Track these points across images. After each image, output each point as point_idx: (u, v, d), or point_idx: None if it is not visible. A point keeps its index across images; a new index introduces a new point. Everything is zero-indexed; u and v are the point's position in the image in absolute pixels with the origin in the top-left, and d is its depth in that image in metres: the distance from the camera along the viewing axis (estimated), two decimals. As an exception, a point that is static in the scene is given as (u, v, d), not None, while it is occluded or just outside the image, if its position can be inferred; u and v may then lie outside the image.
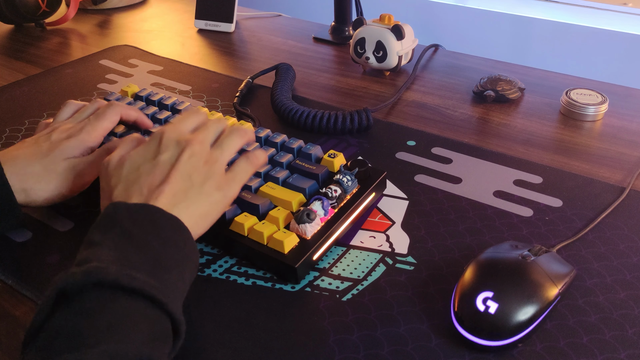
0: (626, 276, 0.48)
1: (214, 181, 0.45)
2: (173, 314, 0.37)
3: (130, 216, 0.41)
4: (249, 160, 0.49)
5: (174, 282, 0.39)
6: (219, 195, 0.45)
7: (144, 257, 0.39)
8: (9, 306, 0.47)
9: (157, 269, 0.38)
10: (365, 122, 0.68)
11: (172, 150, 0.45)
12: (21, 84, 0.83)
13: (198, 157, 0.45)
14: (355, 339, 0.43)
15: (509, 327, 0.41)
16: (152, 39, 0.99)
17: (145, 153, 0.46)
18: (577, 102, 0.71)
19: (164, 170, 0.44)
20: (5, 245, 0.52)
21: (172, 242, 0.41)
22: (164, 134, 0.47)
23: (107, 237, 0.40)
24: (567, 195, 0.57)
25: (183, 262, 0.41)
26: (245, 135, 0.50)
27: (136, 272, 0.37)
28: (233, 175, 0.47)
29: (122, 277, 0.36)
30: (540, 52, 1.58)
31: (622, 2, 1.39)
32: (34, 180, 0.51)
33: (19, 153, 0.52)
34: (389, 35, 0.79)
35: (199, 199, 0.44)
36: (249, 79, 0.79)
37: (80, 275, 0.35)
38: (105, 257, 0.38)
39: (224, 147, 0.48)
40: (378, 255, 0.50)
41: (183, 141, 0.46)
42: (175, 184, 0.43)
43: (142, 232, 0.40)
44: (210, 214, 0.45)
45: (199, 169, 0.45)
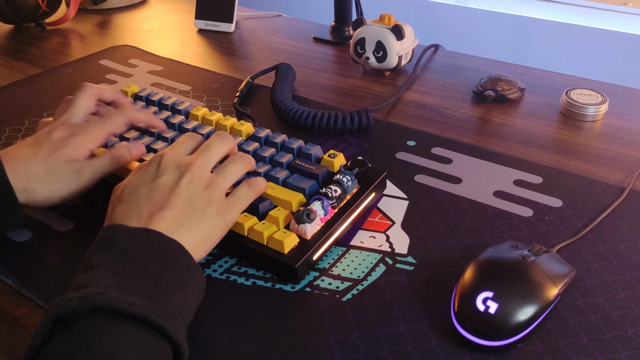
0: (626, 276, 0.48)
1: (215, 206, 0.45)
2: (174, 339, 0.36)
3: (130, 239, 0.40)
4: (251, 187, 0.49)
5: (176, 305, 0.39)
6: (219, 220, 0.45)
7: (143, 281, 0.38)
8: (8, 306, 0.47)
9: (157, 293, 0.38)
10: (365, 122, 0.68)
11: (172, 173, 0.45)
12: (21, 84, 0.83)
13: (198, 182, 0.45)
14: (355, 339, 0.43)
15: (509, 327, 0.41)
16: (152, 39, 0.99)
17: (144, 176, 0.46)
18: (577, 102, 0.71)
19: (164, 193, 0.44)
20: (5, 245, 0.52)
21: (173, 266, 0.40)
22: (163, 157, 0.47)
23: (106, 260, 0.39)
24: (567, 195, 0.57)
25: (186, 285, 0.40)
26: (249, 164, 0.50)
27: (135, 297, 0.36)
28: (234, 201, 0.47)
29: (121, 302, 0.35)
30: (540, 52, 1.58)
31: (622, 2, 1.39)
32: (36, 180, 0.51)
33: (20, 152, 0.52)
34: (389, 35, 0.79)
35: (200, 223, 0.44)
36: (249, 79, 0.79)
37: (77, 301, 0.35)
38: (103, 281, 0.37)
39: (226, 174, 0.48)
40: (378, 255, 0.50)
41: (183, 165, 0.46)
42: (176, 208, 0.43)
43: (141, 256, 0.39)
44: (211, 239, 0.45)
45: (200, 194, 0.45)
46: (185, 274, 0.41)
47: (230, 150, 0.50)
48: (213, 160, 0.48)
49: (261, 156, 0.56)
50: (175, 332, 0.37)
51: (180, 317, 0.39)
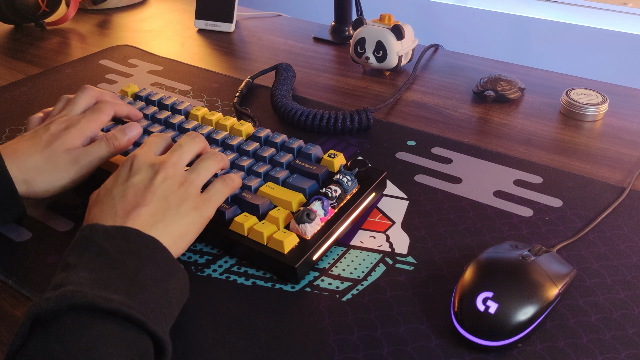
0: (626, 276, 0.48)
1: (190, 202, 0.45)
2: (154, 332, 0.36)
3: (106, 238, 0.40)
4: (225, 183, 0.49)
5: (155, 300, 0.38)
6: (195, 216, 0.45)
7: (120, 278, 0.38)
8: (8, 306, 0.47)
9: (134, 289, 0.38)
10: (365, 122, 0.68)
11: (145, 172, 0.46)
12: (21, 84, 0.83)
13: (172, 180, 0.46)
14: (355, 339, 0.43)
15: (509, 327, 0.41)
16: (152, 39, 0.99)
17: (117, 177, 0.46)
18: (577, 102, 0.71)
19: (138, 192, 0.44)
20: (5, 245, 0.52)
21: (151, 262, 0.40)
22: (135, 158, 0.47)
23: (83, 259, 0.39)
24: (567, 195, 0.57)
25: (165, 281, 0.40)
26: (222, 161, 0.50)
27: (112, 294, 0.36)
28: (209, 196, 0.47)
29: (98, 299, 0.35)
30: (540, 52, 1.58)
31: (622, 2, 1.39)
32: (35, 171, 0.51)
33: (19, 146, 0.52)
34: (389, 35, 0.79)
35: (176, 219, 0.44)
36: (249, 79, 0.79)
37: (54, 300, 0.35)
38: (80, 279, 0.37)
39: (200, 171, 0.48)
40: (378, 255, 0.50)
41: (156, 164, 0.46)
42: (152, 205, 0.44)
43: (118, 253, 0.40)
44: (188, 234, 0.45)
45: (175, 191, 0.45)
46: (164, 270, 0.41)
47: (202, 149, 0.51)
48: (185, 159, 0.49)
49: (261, 156, 0.56)
50: (154, 325, 0.37)
51: (161, 313, 0.39)
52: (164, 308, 0.39)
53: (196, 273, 0.49)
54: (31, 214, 0.56)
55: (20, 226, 0.54)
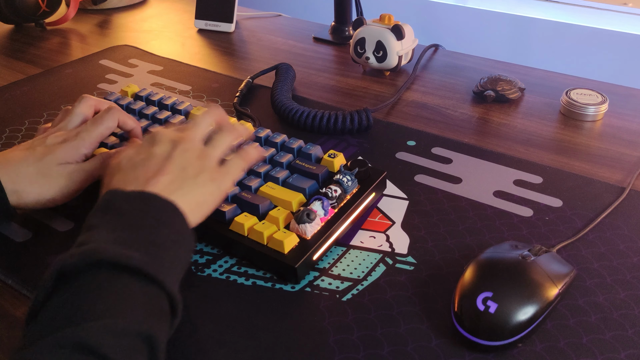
0: (626, 276, 0.48)
1: (207, 173, 0.47)
2: (170, 292, 0.38)
3: (127, 201, 0.42)
4: (241, 156, 0.50)
5: (171, 261, 0.40)
6: (213, 187, 0.47)
7: (140, 238, 0.40)
8: (9, 306, 0.47)
9: (153, 248, 0.40)
10: (365, 122, 0.68)
11: (166, 145, 0.47)
12: (21, 84, 0.83)
13: (191, 152, 0.47)
14: (355, 339, 0.43)
15: (509, 327, 0.41)
16: (152, 39, 0.99)
17: (140, 148, 0.48)
18: (577, 102, 0.71)
19: (159, 161, 0.46)
20: (5, 245, 0.52)
21: (168, 224, 0.42)
22: (157, 133, 0.49)
23: (104, 220, 0.41)
24: (567, 195, 0.57)
25: (179, 242, 0.42)
26: (236, 132, 0.51)
27: (134, 252, 0.38)
28: (227, 170, 0.48)
29: (120, 256, 0.37)
30: (540, 52, 1.58)
31: (622, 2, 1.39)
32: (27, 182, 0.51)
33: (14, 155, 0.52)
34: (389, 35, 0.79)
35: (194, 188, 0.45)
36: (249, 79, 0.79)
37: (78, 257, 0.36)
38: (103, 238, 0.39)
39: (216, 144, 0.49)
40: (378, 255, 0.50)
41: (175, 138, 0.48)
42: (171, 173, 0.45)
43: (138, 215, 0.41)
44: (206, 204, 0.46)
45: (193, 163, 0.46)
46: (179, 233, 0.42)
47: (218, 119, 0.52)
48: (202, 132, 0.50)
49: (261, 156, 0.56)
50: (171, 285, 0.38)
51: (174, 272, 0.40)
52: (177, 268, 0.41)
53: (196, 273, 0.49)
54: (31, 214, 0.56)
55: (20, 226, 0.54)
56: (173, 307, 0.39)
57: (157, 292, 0.38)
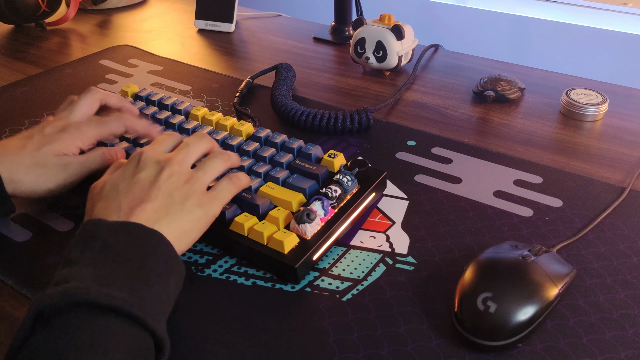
0: (626, 276, 0.48)
1: (195, 199, 0.45)
2: (155, 331, 0.37)
3: (110, 233, 0.40)
4: (232, 181, 0.49)
5: (156, 296, 0.39)
6: (200, 213, 0.45)
7: (123, 273, 0.38)
8: (8, 307, 0.47)
9: (137, 285, 0.38)
10: (365, 122, 0.68)
11: (151, 169, 0.46)
12: (21, 84, 0.83)
13: (178, 177, 0.46)
14: (355, 339, 0.43)
15: (509, 327, 0.41)
16: (152, 39, 0.99)
17: (123, 173, 0.46)
18: (577, 102, 0.71)
19: (143, 188, 0.44)
20: (5, 245, 0.52)
21: (154, 256, 0.40)
22: (142, 154, 0.47)
23: (86, 254, 0.39)
24: (567, 195, 0.57)
25: (166, 275, 0.40)
26: (229, 160, 0.50)
27: (115, 290, 0.36)
28: (215, 194, 0.47)
29: (100, 296, 0.35)
30: (540, 52, 1.58)
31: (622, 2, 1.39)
32: (23, 172, 0.51)
33: (11, 144, 0.52)
34: (389, 35, 0.79)
35: (180, 216, 0.44)
36: (249, 79, 0.79)
37: (58, 296, 0.35)
38: (83, 275, 0.37)
39: (206, 169, 0.48)
40: (378, 255, 0.50)
41: (162, 161, 0.46)
42: (156, 201, 0.44)
43: (121, 247, 0.40)
44: (192, 231, 0.45)
45: (180, 187, 0.45)
46: (166, 264, 0.41)
47: (210, 148, 0.51)
48: (192, 157, 0.48)
49: (261, 156, 0.56)
50: (155, 324, 0.37)
51: (160, 308, 0.39)
52: (164, 302, 0.40)
53: (196, 273, 0.49)
54: (31, 214, 0.56)
55: (21, 226, 0.54)
56: (160, 345, 0.37)
57: (140, 331, 0.36)
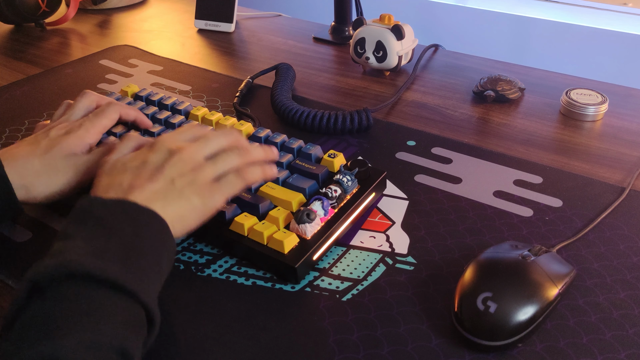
0: (626, 276, 0.48)
1: (195, 187, 0.45)
2: (146, 303, 0.37)
3: (104, 209, 0.41)
4: (239, 174, 0.48)
5: (149, 269, 0.40)
6: (197, 201, 0.45)
7: (116, 246, 0.39)
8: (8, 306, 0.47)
9: (130, 258, 0.39)
10: (365, 122, 0.68)
11: (162, 154, 0.46)
12: (21, 84, 0.83)
13: (184, 164, 0.46)
14: (355, 339, 0.43)
15: (509, 327, 0.41)
16: (152, 39, 0.99)
17: (136, 155, 0.47)
18: (577, 102, 0.71)
19: (149, 169, 0.45)
20: (5, 245, 0.52)
21: (146, 231, 0.41)
22: (159, 139, 0.48)
23: (80, 228, 0.40)
24: (567, 195, 0.57)
25: (159, 249, 0.41)
26: (246, 156, 0.49)
27: (108, 263, 0.37)
28: (218, 186, 0.47)
29: (94, 268, 0.36)
30: (540, 52, 1.58)
31: (622, 2, 1.39)
32: (34, 176, 0.51)
33: (19, 150, 0.52)
34: (389, 35, 0.79)
35: (177, 201, 0.44)
36: (249, 79, 0.79)
37: (52, 268, 0.36)
38: (78, 248, 0.38)
39: (217, 160, 0.48)
40: (378, 255, 0.50)
41: (174, 149, 0.47)
42: (156, 183, 0.44)
43: (115, 222, 0.40)
44: (187, 218, 0.45)
45: (184, 174, 0.45)
46: (159, 240, 0.41)
47: (233, 142, 0.50)
48: (208, 149, 0.48)
49: (261, 156, 0.56)
50: (146, 297, 0.38)
51: (152, 282, 0.40)
52: (156, 277, 0.40)
53: (196, 273, 0.49)
54: (31, 214, 0.56)
55: (21, 226, 0.54)
56: (150, 319, 0.38)
57: (132, 304, 0.37)
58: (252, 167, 0.49)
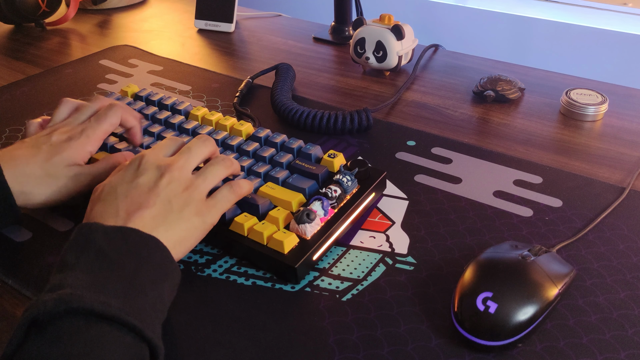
0: (626, 276, 0.48)
1: (193, 207, 0.45)
2: (150, 339, 0.36)
3: (105, 238, 0.40)
4: (232, 189, 0.48)
5: (151, 304, 0.38)
6: (198, 221, 0.45)
7: (118, 280, 0.38)
8: (9, 306, 0.47)
9: (132, 292, 0.38)
10: (365, 122, 0.68)
11: (151, 174, 0.45)
12: (21, 84, 0.83)
13: (177, 183, 0.45)
14: (355, 339, 0.43)
15: (509, 327, 0.41)
16: (152, 39, 0.99)
17: (123, 176, 0.46)
18: (577, 102, 0.71)
19: (142, 193, 0.44)
20: (5, 245, 0.52)
21: (149, 262, 0.40)
22: (143, 158, 0.47)
23: (81, 259, 0.39)
24: (567, 195, 0.57)
25: (161, 281, 0.40)
26: (231, 166, 0.49)
27: (110, 298, 0.36)
28: (214, 202, 0.47)
29: (96, 304, 0.35)
30: (540, 52, 1.58)
31: (622, 2, 1.39)
32: (34, 183, 0.51)
33: (19, 154, 0.51)
34: (389, 35, 0.79)
35: (177, 224, 0.44)
36: (249, 79, 0.79)
37: (52, 303, 0.34)
38: (78, 281, 0.37)
39: (207, 175, 0.47)
40: (378, 255, 0.50)
41: (162, 166, 0.46)
42: (154, 208, 0.43)
43: (117, 254, 0.39)
44: (189, 240, 0.45)
45: (178, 194, 0.45)
46: (161, 270, 0.41)
47: (212, 153, 0.50)
48: (194, 163, 0.48)
49: (261, 156, 0.56)
50: (150, 333, 0.36)
51: (155, 316, 0.39)
52: (159, 309, 0.39)
53: (196, 273, 0.49)
54: (31, 214, 0.56)
55: (21, 226, 0.54)
56: (154, 354, 0.37)
57: (135, 340, 0.36)
58: (241, 180, 0.50)
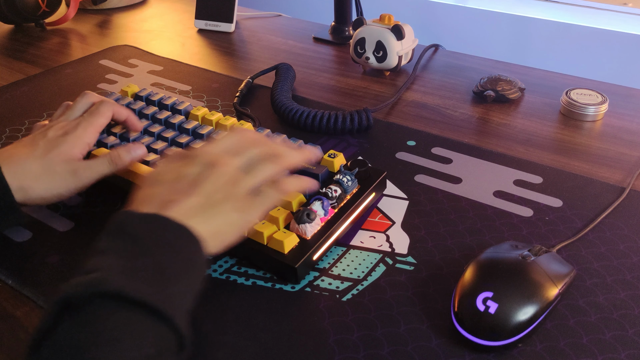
0: (626, 276, 0.48)
1: (233, 202, 0.44)
2: (179, 328, 0.36)
3: (139, 224, 0.40)
4: (277, 187, 0.46)
5: (181, 293, 0.38)
6: (236, 217, 0.44)
7: (150, 267, 0.38)
8: (9, 306, 0.47)
9: (164, 281, 0.38)
10: (365, 122, 0.68)
11: (199, 167, 0.45)
12: (21, 84, 0.83)
13: (222, 177, 0.44)
14: (355, 339, 0.43)
15: (509, 327, 0.41)
16: (152, 39, 0.99)
17: (173, 167, 0.46)
18: (577, 102, 0.71)
19: (185, 184, 0.44)
20: (5, 245, 0.52)
21: (181, 252, 0.40)
22: (197, 151, 0.46)
23: (114, 245, 0.39)
24: (567, 195, 0.57)
25: (192, 272, 0.40)
26: (281, 164, 0.47)
27: (142, 284, 0.36)
28: (256, 200, 0.45)
29: (127, 288, 0.35)
30: (540, 52, 1.58)
31: (622, 2, 1.39)
32: (32, 179, 0.51)
33: (17, 152, 0.52)
34: (389, 35, 0.79)
35: (214, 217, 0.43)
36: (249, 79, 0.79)
37: (84, 286, 0.35)
38: (111, 266, 0.37)
39: (254, 173, 0.46)
40: (378, 255, 0.50)
41: (213, 162, 0.45)
42: (192, 199, 0.43)
43: (150, 241, 0.39)
44: (225, 234, 0.44)
45: (221, 189, 0.44)
46: (192, 261, 0.40)
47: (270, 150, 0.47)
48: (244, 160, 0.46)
49: (261, 156, 0.56)
50: (179, 321, 0.36)
51: (184, 304, 0.39)
52: (187, 299, 0.39)
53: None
54: (31, 214, 0.56)
55: (21, 226, 0.54)
56: (181, 342, 0.37)
57: (164, 327, 0.36)
58: (289, 178, 0.48)
